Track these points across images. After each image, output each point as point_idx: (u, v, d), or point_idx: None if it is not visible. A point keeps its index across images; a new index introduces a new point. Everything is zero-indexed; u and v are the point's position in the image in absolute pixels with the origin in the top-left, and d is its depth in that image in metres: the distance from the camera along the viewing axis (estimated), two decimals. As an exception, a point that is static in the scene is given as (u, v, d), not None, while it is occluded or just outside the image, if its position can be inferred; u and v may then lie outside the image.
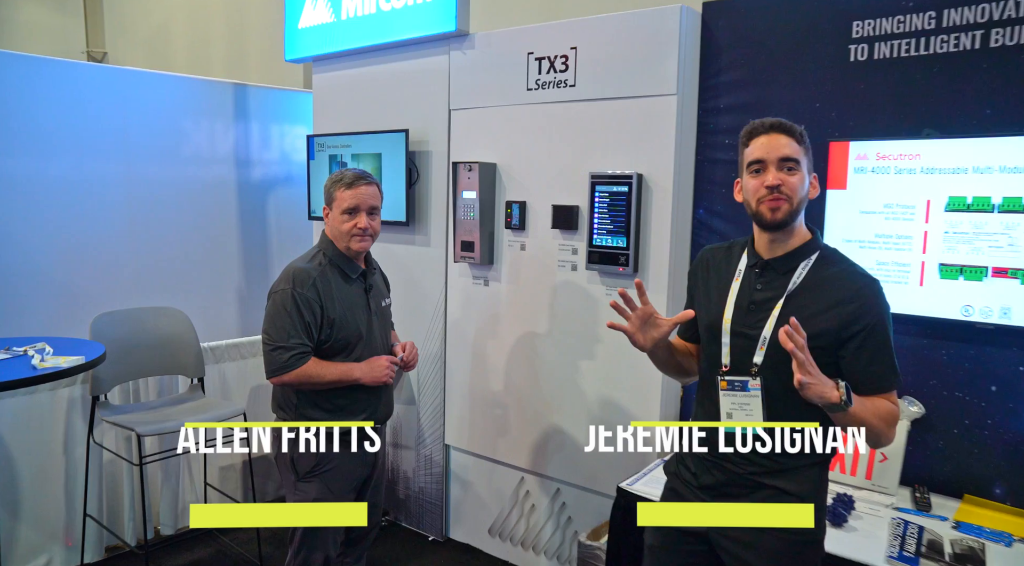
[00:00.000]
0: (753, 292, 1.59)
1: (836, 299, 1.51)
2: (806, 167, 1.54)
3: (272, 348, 2.12)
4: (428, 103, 3.22)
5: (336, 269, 2.22)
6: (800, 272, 1.55)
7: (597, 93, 2.70)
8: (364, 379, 2.21)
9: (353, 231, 2.19)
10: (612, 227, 2.65)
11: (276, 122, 4.10)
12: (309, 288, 2.13)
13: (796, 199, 1.52)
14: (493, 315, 3.11)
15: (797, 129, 1.55)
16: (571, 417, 2.90)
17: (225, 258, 3.91)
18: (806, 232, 1.59)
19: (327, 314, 2.15)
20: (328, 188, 2.22)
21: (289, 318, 2.11)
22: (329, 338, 2.18)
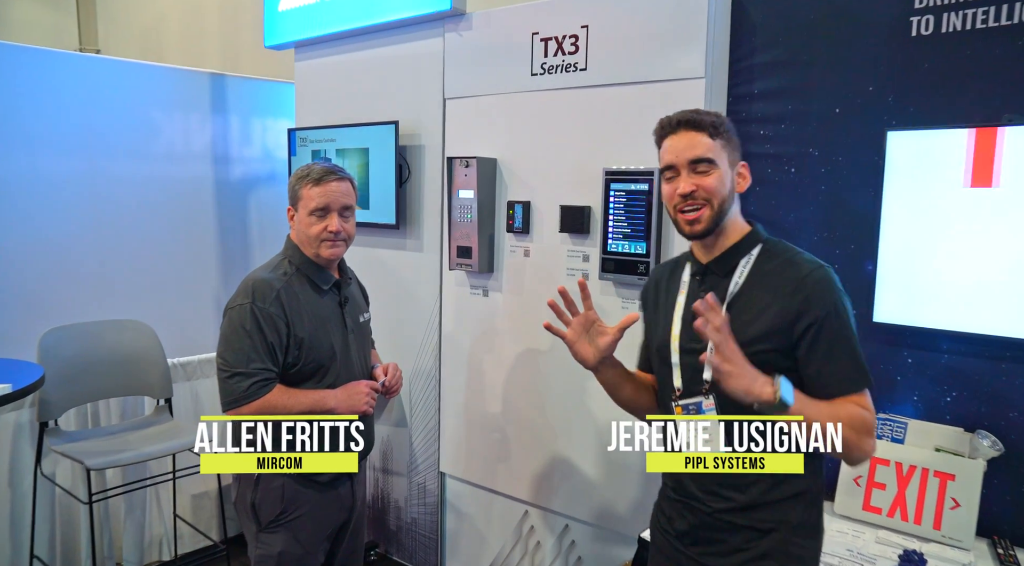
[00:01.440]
0: (697, 299, 1.38)
1: (778, 292, 1.37)
2: (727, 160, 1.43)
3: (228, 375, 1.78)
4: (420, 92, 2.88)
5: (305, 279, 1.89)
6: (741, 271, 1.43)
7: (612, 77, 2.36)
8: (340, 409, 1.88)
9: (323, 235, 1.87)
10: (630, 231, 2.31)
11: (258, 115, 3.77)
12: (272, 302, 1.80)
13: (717, 201, 1.40)
14: (493, 329, 2.77)
15: (708, 120, 1.42)
16: (580, 445, 2.56)
17: (200, 264, 3.58)
18: (743, 226, 1.47)
19: (294, 332, 1.82)
20: (293, 186, 1.89)
21: (248, 338, 1.77)
22: (297, 361, 1.84)
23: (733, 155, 1.45)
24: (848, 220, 2.10)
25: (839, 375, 1.35)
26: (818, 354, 1.34)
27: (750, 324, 1.37)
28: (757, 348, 1.34)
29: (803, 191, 2.19)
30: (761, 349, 1.34)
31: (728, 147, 1.43)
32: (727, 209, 1.43)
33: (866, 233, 2.05)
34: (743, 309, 1.39)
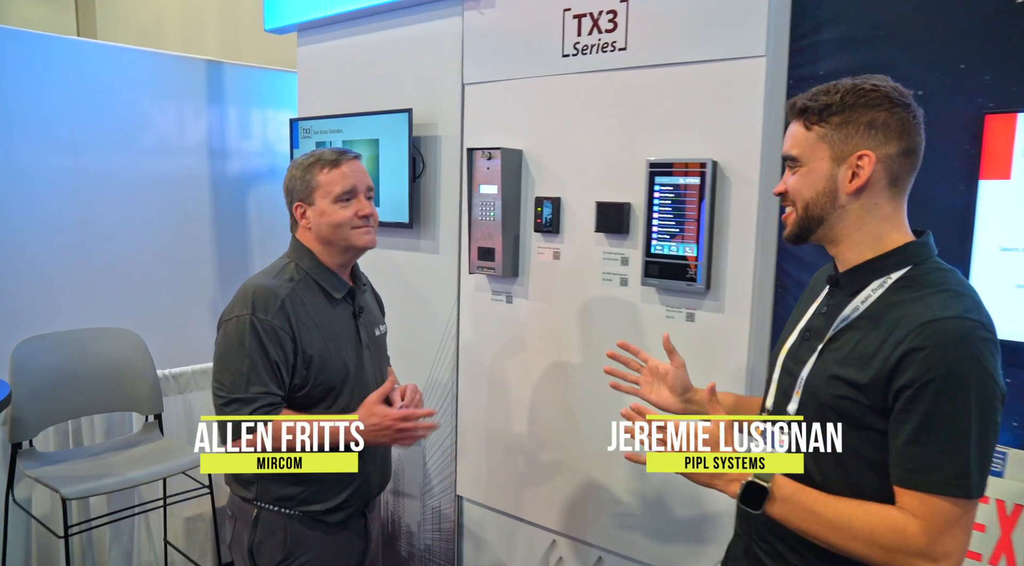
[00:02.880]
0: (818, 316, 1.23)
1: (889, 338, 1.06)
2: (828, 153, 1.14)
3: (225, 401, 1.52)
4: (436, 77, 2.61)
5: (314, 286, 1.62)
6: (866, 297, 1.13)
7: (656, 58, 2.09)
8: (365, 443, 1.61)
9: (354, 221, 1.61)
10: (677, 230, 2.04)
11: (258, 106, 3.50)
12: (275, 313, 1.53)
13: (800, 203, 1.17)
14: (517, 339, 2.50)
15: (816, 103, 1.15)
16: (619, 469, 2.29)
17: (194, 266, 3.30)
18: (891, 238, 1.14)
19: (302, 349, 1.55)
20: (300, 177, 1.62)
21: (248, 358, 1.51)
22: (306, 382, 1.58)
23: (844, 145, 1.13)
24: (934, 219, 1.81)
25: (916, 460, 1.02)
26: (905, 426, 1.03)
27: (842, 364, 1.11)
28: (838, 392, 1.10)
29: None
30: (842, 395, 1.10)
31: (835, 135, 1.13)
32: (821, 215, 1.16)
33: (956, 234, 1.78)
34: (844, 345, 1.13)
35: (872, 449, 1.08)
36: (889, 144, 1.11)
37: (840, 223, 1.15)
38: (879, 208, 1.13)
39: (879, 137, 1.11)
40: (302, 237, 1.65)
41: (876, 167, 1.11)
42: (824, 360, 1.14)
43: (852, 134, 1.12)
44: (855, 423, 1.08)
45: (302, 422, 1.50)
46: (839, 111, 1.12)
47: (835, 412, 1.10)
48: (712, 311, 2.05)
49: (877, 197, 1.13)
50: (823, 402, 1.11)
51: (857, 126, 1.11)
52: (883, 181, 1.12)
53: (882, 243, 1.14)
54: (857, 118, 1.11)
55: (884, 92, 1.11)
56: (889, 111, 1.10)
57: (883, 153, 1.10)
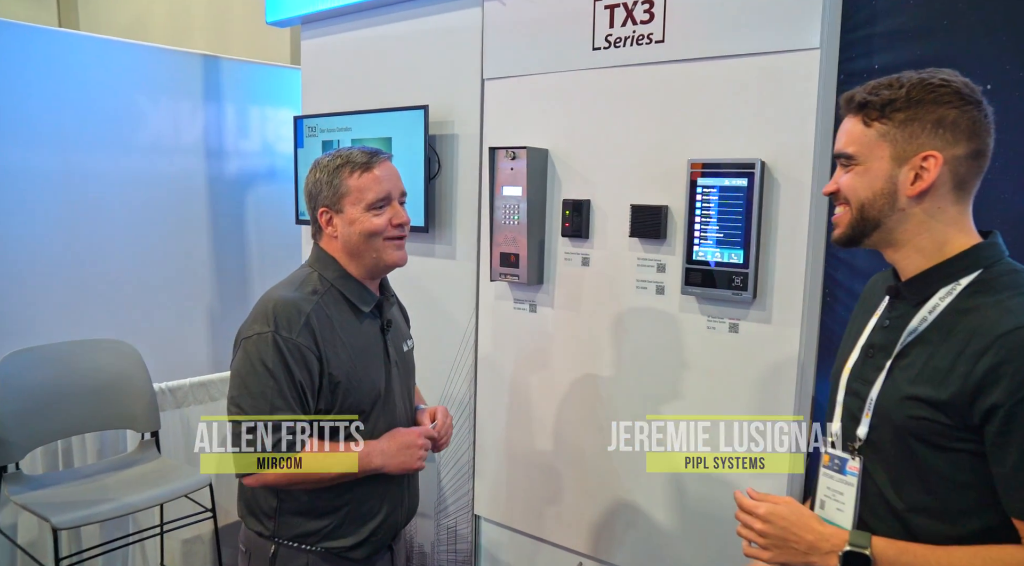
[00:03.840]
0: (880, 330, 1.13)
1: (966, 349, 0.97)
2: (888, 152, 1.05)
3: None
4: (453, 71, 2.46)
5: (341, 299, 1.47)
6: (935, 305, 1.04)
7: (696, 50, 1.96)
8: (389, 468, 1.46)
9: (389, 231, 1.46)
10: (723, 235, 1.90)
11: (257, 103, 3.33)
12: (300, 330, 1.37)
13: (855, 203, 1.08)
14: (541, 351, 2.36)
15: (878, 98, 1.04)
16: (651, 488, 2.15)
17: (191, 273, 3.13)
18: (958, 241, 1.05)
19: (329, 370, 1.40)
20: (327, 180, 1.46)
21: (272, 380, 1.35)
22: (331, 406, 1.42)
23: (908, 144, 1.03)
24: (1004, 227, 1.70)
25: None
26: (1008, 452, 0.94)
27: (916, 382, 1.02)
28: (915, 413, 1.01)
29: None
30: (920, 416, 1.01)
31: (898, 134, 1.03)
32: (879, 217, 1.06)
33: (1026, 240, 1.66)
34: (915, 361, 1.04)
35: (960, 471, 0.99)
36: (958, 145, 1.01)
37: (900, 227, 1.06)
38: (943, 212, 1.04)
39: (947, 137, 1.01)
40: (327, 246, 1.49)
41: (942, 169, 1.01)
42: (895, 379, 1.05)
43: (917, 133, 1.02)
44: (937, 445, 1.00)
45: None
46: (904, 107, 1.03)
47: (913, 435, 1.02)
48: (758, 322, 1.92)
49: (941, 201, 1.04)
50: (899, 425, 1.03)
51: (923, 124, 1.02)
52: (948, 184, 1.03)
53: (947, 248, 1.05)
54: (924, 116, 1.02)
55: (955, 88, 1.02)
56: (959, 109, 1.01)
57: (950, 154, 1.01)
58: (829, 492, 1.16)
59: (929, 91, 1.02)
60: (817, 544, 1.04)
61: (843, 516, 1.14)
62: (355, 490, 1.46)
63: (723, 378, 1.98)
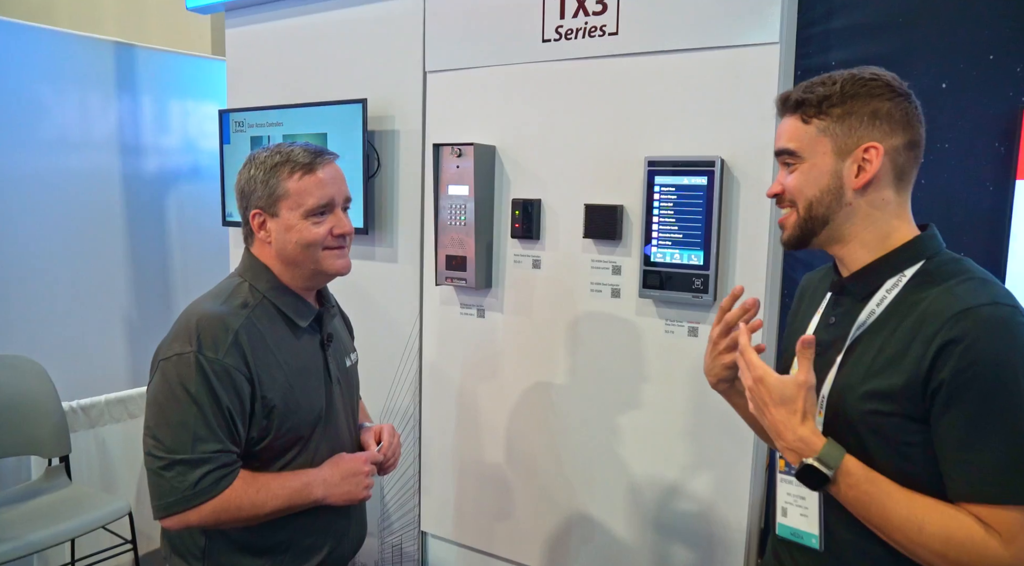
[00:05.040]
0: (825, 327, 1.11)
1: (918, 335, 0.96)
2: (830, 147, 1.04)
3: (165, 464, 1.18)
4: (393, 63, 2.32)
5: (274, 313, 1.31)
6: (882, 298, 1.03)
7: (652, 44, 1.88)
8: (332, 499, 1.32)
9: (328, 242, 1.31)
10: (681, 236, 1.83)
11: (177, 97, 3.09)
12: (228, 350, 1.21)
13: (802, 202, 1.06)
14: (490, 358, 2.24)
15: (813, 95, 1.04)
16: (606, 499, 2.07)
17: (105, 280, 2.87)
18: (899, 234, 1.05)
19: (262, 393, 1.24)
20: (263, 179, 1.29)
21: (195, 407, 1.18)
22: (266, 434, 1.26)
23: (848, 138, 1.02)
24: (960, 223, 1.69)
25: (973, 469, 0.91)
26: (952, 430, 0.92)
27: (869, 375, 0.99)
28: (870, 407, 0.98)
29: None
30: (876, 409, 0.98)
31: (837, 128, 1.03)
32: (827, 214, 1.05)
33: (982, 239, 1.65)
34: (865, 354, 1.02)
35: (915, 466, 0.96)
36: (895, 135, 1.02)
37: (847, 222, 1.05)
38: (886, 204, 1.04)
39: (884, 128, 1.02)
40: (259, 252, 1.33)
41: (883, 160, 1.01)
42: (846, 374, 1.02)
43: (856, 126, 1.02)
44: (892, 441, 0.97)
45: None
46: (839, 102, 1.02)
47: (869, 430, 0.99)
48: (718, 325, 1.85)
49: (883, 192, 1.03)
50: (852, 420, 1.00)
51: (860, 117, 1.02)
52: (890, 175, 1.03)
53: (890, 240, 1.04)
54: (860, 109, 1.02)
55: (885, 81, 1.03)
56: (892, 101, 1.02)
57: (889, 145, 1.01)
58: (790, 498, 1.12)
59: (862, 85, 1.02)
60: (783, 434, 1.00)
61: (807, 522, 1.09)
62: (295, 524, 1.31)
63: (682, 384, 1.91)
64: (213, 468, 1.18)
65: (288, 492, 1.25)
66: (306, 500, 1.28)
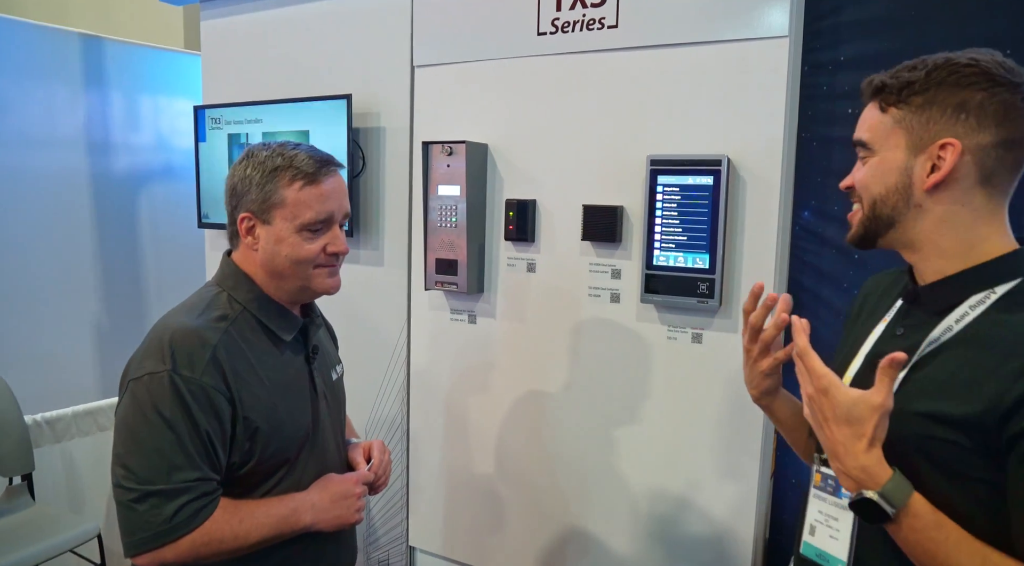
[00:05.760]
0: (891, 338, 1.01)
1: (1000, 366, 0.84)
2: (904, 139, 0.94)
3: (137, 496, 1.07)
4: (379, 58, 2.22)
5: (256, 326, 1.20)
6: (960, 315, 0.91)
7: (654, 37, 1.80)
8: (321, 525, 1.21)
9: (320, 259, 1.20)
10: (686, 239, 1.75)
11: (149, 92, 2.96)
12: (206, 368, 1.10)
13: (867, 199, 0.98)
14: (482, 366, 2.15)
15: (897, 81, 0.93)
16: (603, 513, 1.98)
17: (73, 285, 2.72)
18: (988, 246, 0.92)
19: (244, 414, 1.13)
20: (258, 181, 1.17)
21: (170, 432, 1.07)
22: (249, 458, 1.16)
23: (924, 131, 0.92)
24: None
25: None
26: None
27: (936, 398, 0.89)
28: (930, 432, 0.88)
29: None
30: (936, 436, 0.88)
31: (915, 119, 0.92)
32: (892, 215, 0.96)
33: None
34: (934, 374, 0.91)
35: (969, 501, 0.86)
36: (983, 132, 0.89)
37: (916, 226, 0.94)
38: (969, 211, 0.92)
39: (970, 123, 0.89)
40: (242, 259, 1.22)
41: (963, 160, 0.89)
42: (907, 393, 0.91)
43: (936, 118, 0.90)
44: (950, 471, 0.87)
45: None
46: (922, 90, 0.91)
47: (923, 456, 0.89)
48: (724, 331, 1.77)
49: (965, 197, 0.91)
50: (907, 444, 0.90)
51: (943, 109, 0.90)
52: (973, 177, 0.90)
53: (978, 251, 0.92)
54: (944, 99, 0.90)
55: (983, 68, 0.89)
56: (987, 91, 0.88)
57: (973, 143, 0.89)
58: (821, 517, 1.03)
59: (952, 72, 0.90)
60: (843, 458, 0.89)
61: (837, 545, 1.00)
62: (281, 554, 1.20)
63: (685, 392, 1.83)
64: (191, 499, 1.07)
65: (274, 520, 1.14)
66: (294, 527, 1.17)
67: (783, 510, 1.88)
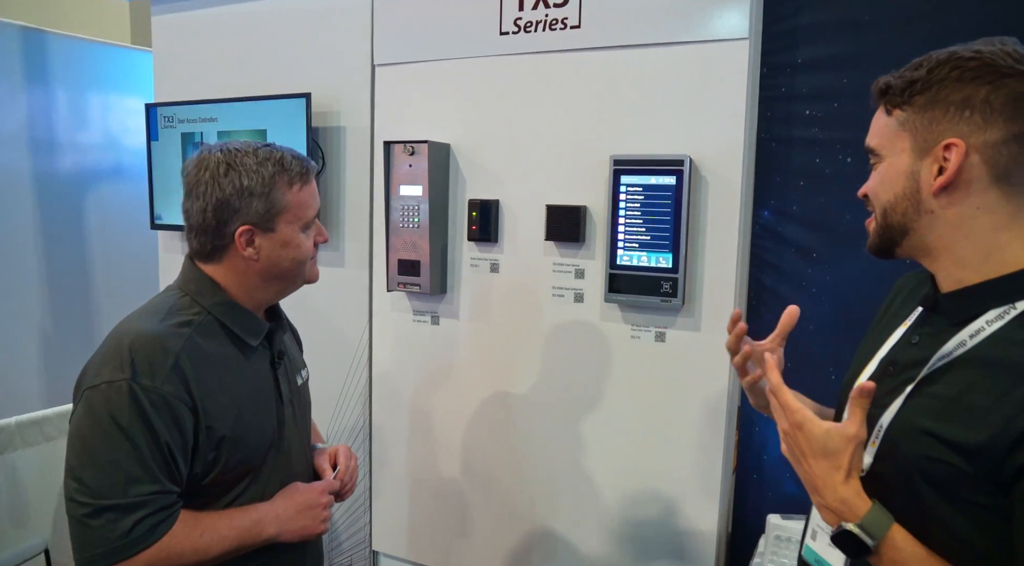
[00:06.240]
0: (906, 346, 0.96)
1: (1012, 390, 0.79)
2: (909, 142, 0.89)
3: (91, 511, 1.02)
4: (339, 56, 2.18)
5: (219, 331, 1.16)
6: (976, 329, 0.85)
7: (616, 38, 1.81)
8: (286, 537, 1.18)
9: (312, 253, 1.23)
10: (649, 238, 1.76)
11: (96, 89, 2.85)
12: (168, 377, 1.05)
13: (879, 207, 0.93)
14: (446, 367, 2.13)
15: (902, 80, 0.89)
16: (568, 511, 1.99)
17: (15, 289, 2.61)
18: (1003, 255, 0.86)
19: (208, 423, 1.09)
20: (261, 191, 1.12)
21: (127, 443, 1.02)
22: (212, 468, 1.12)
23: (928, 132, 0.86)
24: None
25: None
26: None
27: (940, 417, 0.84)
28: (931, 453, 0.84)
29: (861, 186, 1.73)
30: (936, 457, 0.83)
31: (918, 120, 0.87)
32: (904, 223, 0.90)
33: None
34: (942, 392, 0.86)
35: (968, 526, 0.83)
36: (990, 128, 0.83)
37: (932, 233, 0.89)
38: (987, 214, 0.85)
39: (975, 121, 0.83)
40: (225, 269, 1.16)
41: (971, 159, 0.84)
42: (914, 408, 0.88)
43: (939, 118, 0.85)
44: (950, 493, 0.83)
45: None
46: (925, 89, 0.86)
47: (923, 476, 0.85)
48: (687, 329, 1.79)
49: (979, 199, 0.85)
50: (910, 462, 0.86)
51: (946, 107, 0.84)
52: (986, 178, 0.84)
53: (997, 260, 0.86)
54: (947, 97, 0.84)
55: (987, 60, 0.83)
56: (993, 85, 0.82)
57: (980, 141, 0.83)
58: (823, 524, 0.99)
59: (954, 67, 0.85)
60: (822, 491, 0.87)
61: (835, 554, 0.97)
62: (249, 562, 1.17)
63: (649, 391, 1.85)
64: (149, 513, 1.02)
65: (237, 533, 1.11)
66: (257, 540, 1.14)
67: (744, 505, 1.91)
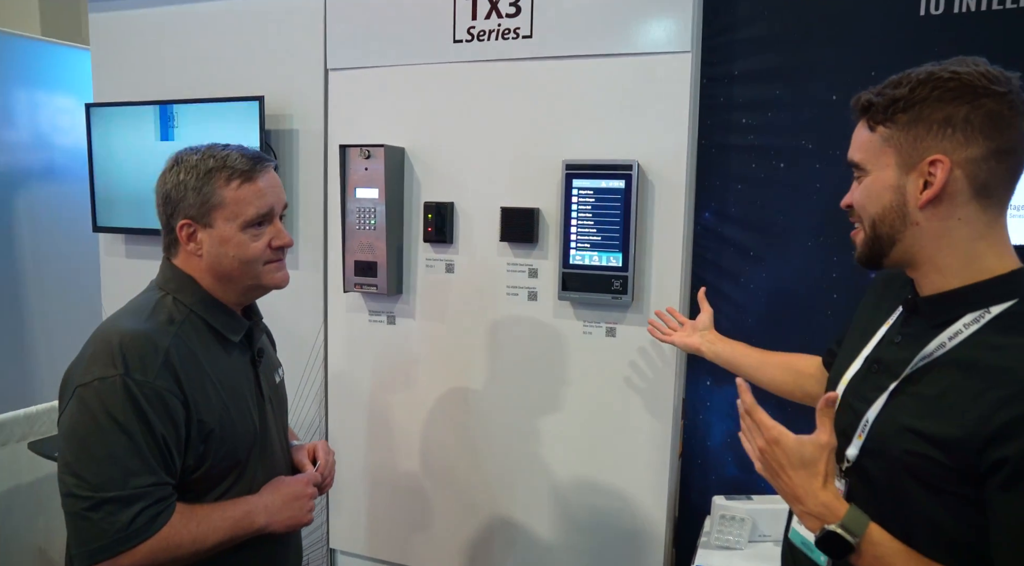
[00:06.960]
0: (889, 345, 1.02)
1: (986, 392, 0.85)
2: (894, 158, 0.93)
3: (92, 504, 1.04)
4: (291, 59, 2.20)
5: (203, 328, 1.19)
6: (954, 333, 0.92)
7: (566, 48, 1.90)
8: (275, 527, 1.22)
9: (267, 255, 1.21)
10: (600, 238, 1.86)
11: (24, 85, 2.75)
12: (159, 371, 1.08)
13: (866, 219, 0.97)
14: (402, 366, 2.18)
15: (883, 98, 0.93)
16: (526, 502, 2.07)
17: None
18: (982, 263, 0.92)
19: (198, 416, 1.13)
20: (195, 186, 1.16)
21: (124, 436, 1.05)
22: (202, 461, 1.15)
23: (913, 149, 0.91)
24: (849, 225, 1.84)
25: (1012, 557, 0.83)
26: (1008, 510, 0.83)
27: (921, 415, 0.90)
28: (913, 448, 0.90)
29: (794, 190, 1.89)
30: (918, 452, 0.89)
31: (903, 137, 0.92)
32: (892, 234, 0.95)
33: (870, 237, 1.80)
34: (924, 391, 0.92)
35: (947, 515, 0.88)
36: (971, 145, 0.88)
37: (917, 244, 0.94)
38: (967, 225, 0.91)
39: (957, 138, 0.88)
40: (185, 264, 1.20)
41: (954, 175, 0.89)
42: (897, 406, 0.94)
43: (922, 135, 0.89)
44: (932, 485, 0.89)
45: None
46: (907, 107, 0.90)
47: (907, 470, 0.91)
48: (636, 325, 1.91)
49: (961, 212, 0.90)
50: (893, 456, 0.92)
51: (929, 125, 0.89)
52: (968, 192, 0.89)
53: (976, 267, 0.91)
54: (929, 115, 0.89)
55: (965, 81, 0.88)
56: (971, 104, 0.87)
57: (962, 157, 0.88)
58: None
59: (934, 87, 0.89)
60: (803, 499, 0.93)
61: None
62: (234, 557, 1.20)
63: (600, 383, 1.95)
64: (148, 504, 1.05)
65: (229, 523, 1.15)
66: (248, 530, 1.18)
67: (690, 488, 2.04)
